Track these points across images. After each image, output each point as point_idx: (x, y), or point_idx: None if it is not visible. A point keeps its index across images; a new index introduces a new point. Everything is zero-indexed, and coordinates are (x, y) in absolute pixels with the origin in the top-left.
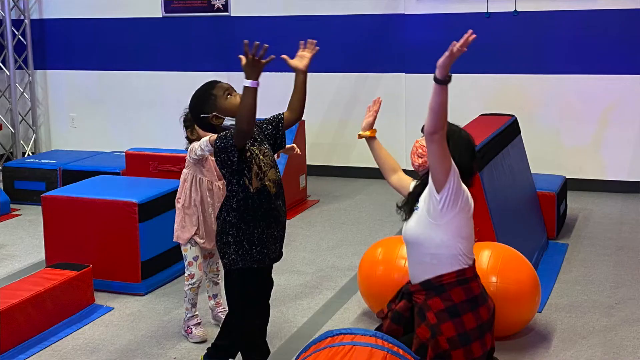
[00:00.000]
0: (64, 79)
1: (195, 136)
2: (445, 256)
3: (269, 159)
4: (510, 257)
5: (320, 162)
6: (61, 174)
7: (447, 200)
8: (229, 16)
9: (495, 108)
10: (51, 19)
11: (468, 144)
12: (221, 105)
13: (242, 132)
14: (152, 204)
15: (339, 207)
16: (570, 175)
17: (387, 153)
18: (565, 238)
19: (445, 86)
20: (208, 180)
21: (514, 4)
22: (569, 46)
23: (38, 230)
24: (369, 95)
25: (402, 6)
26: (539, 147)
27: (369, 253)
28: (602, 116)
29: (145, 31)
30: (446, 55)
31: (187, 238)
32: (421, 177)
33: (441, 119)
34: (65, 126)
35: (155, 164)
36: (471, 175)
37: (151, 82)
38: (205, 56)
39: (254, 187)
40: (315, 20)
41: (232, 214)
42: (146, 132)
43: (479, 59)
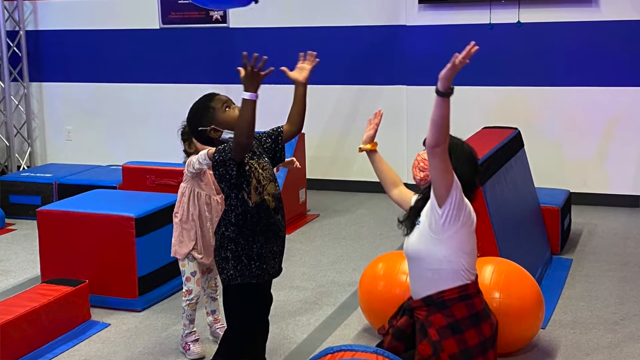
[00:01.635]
0: (59, 92)
1: (193, 149)
2: (447, 271)
3: (268, 173)
4: (514, 272)
5: (320, 175)
6: (57, 188)
7: (449, 214)
8: (227, 27)
9: (498, 121)
10: (47, 31)
11: (470, 157)
12: (219, 118)
13: (240, 145)
14: (149, 218)
15: (339, 221)
16: (574, 189)
17: (388, 166)
18: (569, 253)
19: (447, 99)
20: (206, 194)
21: (517, 15)
22: (573, 58)
23: (33, 245)
24: (369, 108)
25: (403, 17)
26: (543, 160)
27: (370, 268)
28: (606, 129)
29: (142, 43)
30: (448, 67)
31: (185, 253)
32: (423, 191)
33: (443, 132)
34: (61, 139)
35: (152, 178)
36: (474, 189)
37: (148, 95)
38: (203, 68)
39: (252, 201)
40: (315, 32)
41: (230, 228)
42: (143, 146)
43: (482, 71)
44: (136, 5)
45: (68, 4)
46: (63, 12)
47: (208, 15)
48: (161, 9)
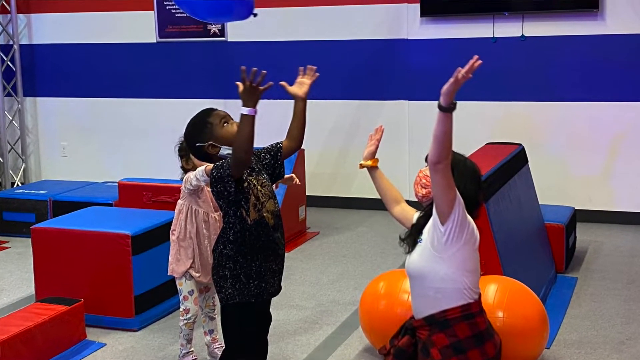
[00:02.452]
0: (54, 107)
1: (190, 166)
2: (450, 290)
3: (267, 190)
4: (518, 291)
5: (320, 192)
6: (51, 205)
7: (451, 232)
8: (225, 41)
9: (502, 136)
10: (41, 45)
11: (473, 174)
12: (217, 133)
13: (239, 161)
14: (146, 236)
15: (339, 239)
16: (579, 206)
17: (389, 183)
18: (574, 271)
19: (449, 114)
20: (204, 212)
21: (521, 29)
22: (578, 72)
23: (28, 264)
24: (370, 123)
25: (405, 31)
26: (547, 177)
27: (371, 287)
28: (612, 145)
29: (139, 57)
30: (451, 81)
31: (182, 271)
32: (425, 208)
33: (446, 148)
34: (55, 155)
35: (149, 195)
36: (477, 206)
37: (145, 110)
38: (201, 83)
39: (251, 218)
40: (315, 46)
41: (228, 246)
42: (140, 162)
43: (485, 85)
44: (133, 18)
45: (63, 18)
46: (58, 25)
47: (206, 29)
48: (158, 23)
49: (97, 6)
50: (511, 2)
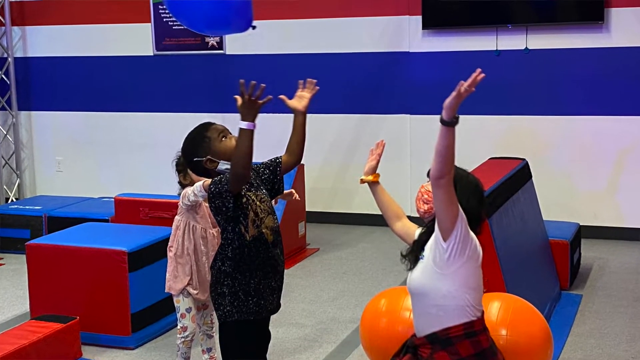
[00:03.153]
0: (49, 121)
1: (188, 181)
2: (452, 308)
3: (266, 205)
4: (521, 308)
5: (320, 208)
6: (46, 220)
7: (454, 248)
8: (224, 54)
9: (505, 151)
10: (36, 57)
11: (476, 189)
12: (216, 148)
13: (237, 176)
14: (143, 252)
15: (340, 255)
16: (584, 222)
17: (390, 199)
18: (579, 289)
19: (452, 128)
20: (202, 228)
21: (525, 42)
22: (583, 86)
23: (22, 281)
24: (371, 138)
25: (406, 43)
26: (551, 192)
27: (372, 304)
28: (617, 159)
29: (135, 70)
30: (453, 95)
31: (180, 288)
32: (427, 224)
33: (448, 163)
34: (50, 170)
35: (145, 211)
36: (480, 222)
37: (142, 124)
38: (198, 96)
39: (250, 234)
40: (315, 59)
41: (227, 263)
42: (136, 177)
43: (488, 99)
44: (129, 31)
45: (58, 30)
46: (53, 38)
47: (204, 42)
48: (155, 35)
49: (93, 18)
50: (515, 14)
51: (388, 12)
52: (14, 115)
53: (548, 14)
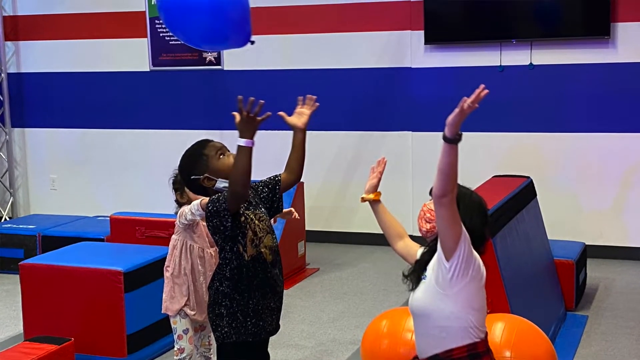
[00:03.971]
0: (43, 138)
1: (185, 199)
2: (455, 329)
3: (265, 224)
4: (526, 330)
5: (320, 227)
6: (41, 240)
7: (457, 268)
8: (221, 70)
9: (509, 169)
10: (30, 73)
11: (480, 208)
12: (213, 165)
13: (236, 195)
14: (139, 272)
15: (340, 275)
16: (590, 242)
17: (392, 218)
18: (585, 309)
19: (455, 145)
20: (199, 247)
21: (530, 57)
22: (589, 102)
23: (15, 301)
24: (372, 155)
25: (408, 59)
26: (556, 211)
27: (373, 325)
28: (624, 178)
29: (131, 86)
30: (456, 112)
31: (177, 309)
32: (429, 243)
33: (451, 181)
34: (45, 188)
35: (142, 230)
36: (483, 241)
37: (138, 141)
38: (196, 113)
39: (248, 254)
40: (315, 75)
41: (225, 283)
42: (132, 195)
43: (492, 116)
44: (125, 46)
45: (53, 45)
46: (47, 53)
47: (201, 57)
48: (151, 51)
49: (88, 33)
50: (519, 28)
51: (389, 26)
52: (7, 132)
53: (553, 28)
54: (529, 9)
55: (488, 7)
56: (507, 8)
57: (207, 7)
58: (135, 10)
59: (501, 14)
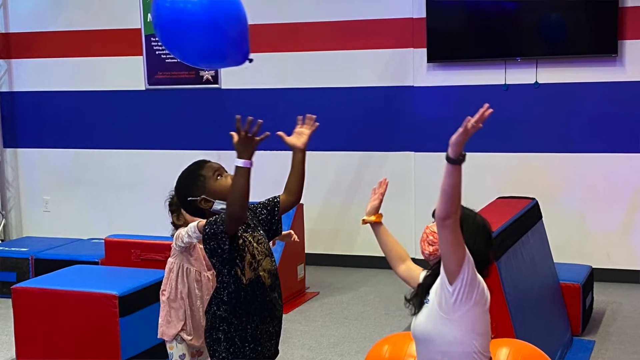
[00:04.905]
0: (36, 158)
1: (182, 221)
2: (459, 354)
3: (264, 247)
4: (531, 355)
5: (321, 250)
6: (33, 263)
7: (460, 292)
8: (219, 89)
9: (514, 190)
10: (23, 92)
11: (484, 230)
12: (211, 187)
13: (234, 217)
14: (134, 296)
15: (341, 300)
16: (596, 265)
17: (394, 240)
18: (592, 334)
19: (458, 166)
20: (196, 271)
21: (535, 76)
22: (596, 122)
23: (8, 326)
24: (374, 176)
25: (410, 77)
26: (562, 233)
27: (375, 351)
28: (632, 199)
29: (126, 105)
30: (460, 131)
31: (173, 334)
32: (432, 266)
33: (454, 203)
34: (38, 210)
35: (137, 253)
36: (487, 264)
37: (133, 162)
38: (193, 133)
39: (246, 277)
40: (315, 93)
41: (222, 307)
42: (128, 217)
43: (496, 135)
44: (120, 64)
45: (46, 63)
46: (40, 71)
47: (198, 76)
48: (147, 69)
49: (82, 51)
50: (524, 46)
51: (391, 44)
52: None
53: (559, 46)
54: (534, 27)
55: (492, 24)
56: (512, 25)
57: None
58: (130, 28)
59: (506, 31)
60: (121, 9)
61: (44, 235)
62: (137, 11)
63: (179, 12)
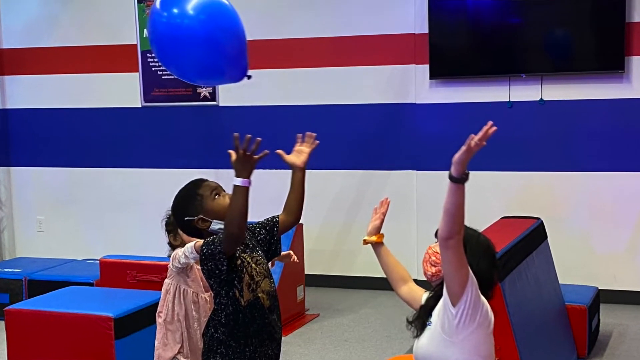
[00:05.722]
0: (30, 177)
1: (178, 242)
2: None
3: (262, 268)
4: None
5: (320, 271)
6: (27, 284)
7: (463, 314)
8: (216, 106)
9: (519, 210)
10: (16, 109)
11: (487, 251)
12: (208, 206)
13: (232, 237)
14: (130, 318)
15: (341, 322)
16: (603, 286)
17: (395, 261)
18: (598, 357)
19: (461, 185)
20: (193, 292)
21: (540, 92)
22: (602, 140)
23: (1, 349)
24: (375, 196)
25: (412, 94)
26: (568, 254)
27: None
28: (639, 219)
29: (122, 123)
30: (463, 150)
31: (170, 357)
32: (435, 288)
33: (457, 222)
34: (31, 230)
35: (133, 274)
36: (491, 286)
37: (129, 181)
38: (190, 151)
39: (245, 299)
40: (315, 111)
41: (220, 329)
42: (123, 238)
43: (500, 154)
44: (115, 81)
45: (39, 80)
46: (34, 88)
47: (195, 92)
48: (143, 86)
49: (77, 68)
50: (529, 63)
51: (393, 60)
52: None
53: (564, 62)
54: (539, 42)
55: (496, 40)
56: (516, 41)
57: (201, 40)
58: (126, 44)
59: (510, 47)
60: (116, 24)
61: (37, 256)
62: (133, 26)
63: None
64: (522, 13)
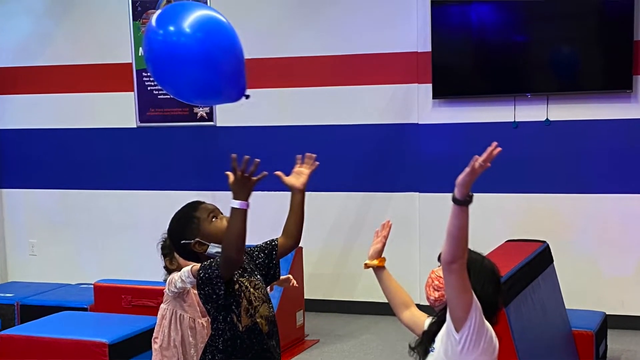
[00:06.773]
0: (22, 199)
1: (175, 266)
2: None
3: (261, 293)
4: None
5: (320, 295)
6: (19, 309)
7: (467, 340)
8: (214, 126)
9: (524, 233)
10: (7, 130)
11: (492, 275)
12: (205, 229)
13: (229, 260)
14: (125, 344)
15: (342, 348)
16: (610, 311)
17: (397, 285)
18: None
19: (465, 207)
20: (190, 317)
21: (546, 113)
22: (610, 161)
23: None
24: (376, 218)
25: (415, 114)
26: (575, 278)
27: None
28: None
29: (117, 143)
30: (467, 171)
31: None
32: (438, 313)
33: (461, 246)
34: (23, 254)
35: (128, 298)
36: (496, 311)
37: (124, 203)
38: (186, 172)
39: (243, 324)
40: (314, 131)
41: (218, 355)
42: (118, 261)
43: (505, 175)
44: (110, 101)
45: (33, 100)
46: (26, 108)
47: (192, 112)
48: (138, 105)
49: (71, 87)
50: (534, 82)
51: (395, 79)
52: None
53: (571, 82)
54: (545, 61)
55: (501, 58)
56: (521, 60)
57: (198, 59)
58: (121, 62)
59: (515, 66)
60: (111, 42)
61: (30, 280)
62: (128, 45)
63: (172, 46)
64: (528, 31)
